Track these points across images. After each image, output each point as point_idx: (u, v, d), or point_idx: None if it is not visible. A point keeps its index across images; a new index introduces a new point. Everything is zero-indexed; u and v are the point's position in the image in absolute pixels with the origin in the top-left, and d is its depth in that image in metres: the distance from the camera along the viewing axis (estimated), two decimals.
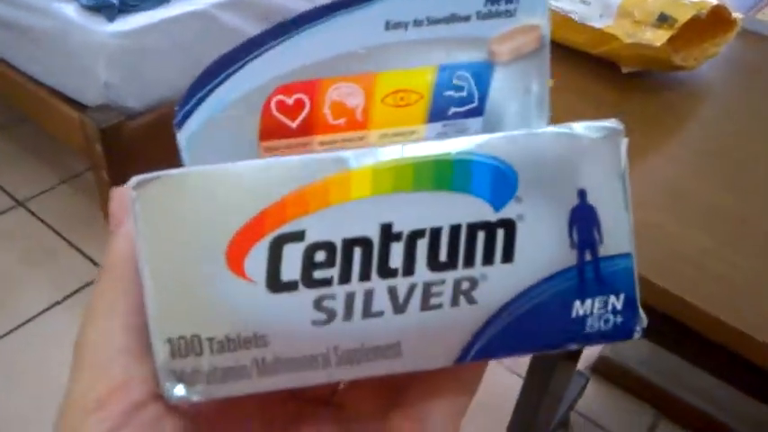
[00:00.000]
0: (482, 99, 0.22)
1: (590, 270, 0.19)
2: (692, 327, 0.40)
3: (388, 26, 0.21)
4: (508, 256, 0.18)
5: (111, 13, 1.21)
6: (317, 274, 0.17)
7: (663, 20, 0.60)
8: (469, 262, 0.18)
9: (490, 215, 0.18)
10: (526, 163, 0.18)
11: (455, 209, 0.18)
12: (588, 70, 0.64)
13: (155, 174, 0.17)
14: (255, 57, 0.21)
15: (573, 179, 0.18)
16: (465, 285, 0.18)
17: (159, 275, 0.17)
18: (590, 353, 1.18)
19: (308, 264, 0.17)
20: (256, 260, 0.17)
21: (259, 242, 0.17)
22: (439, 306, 0.18)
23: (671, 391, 1.24)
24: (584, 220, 0.18)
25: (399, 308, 0.18)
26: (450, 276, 0.18)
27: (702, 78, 0.65)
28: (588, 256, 0.18)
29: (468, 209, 0.18)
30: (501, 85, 0.22)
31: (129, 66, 1.24)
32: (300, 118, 0.21)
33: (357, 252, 0.17)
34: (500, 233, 0.18)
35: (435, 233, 0.18)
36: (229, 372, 0.18)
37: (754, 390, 0.49)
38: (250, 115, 0.21)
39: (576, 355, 1.13)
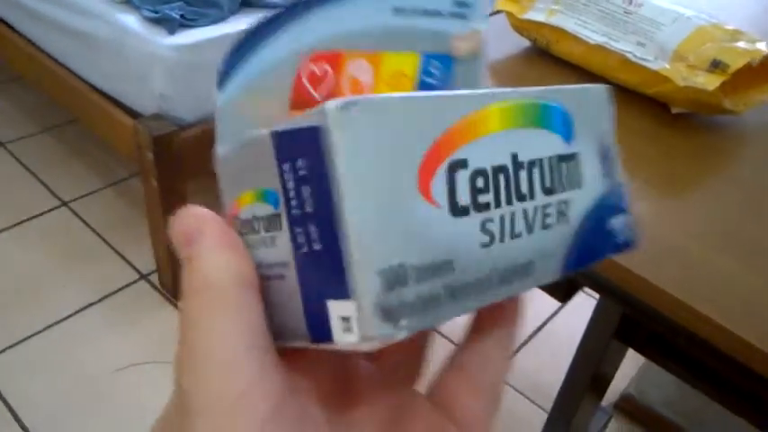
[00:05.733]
0: (444, 88, 0.24)
1: (612, 195, 0.24)
2: (743, 363, 0.42)
3: (396, 11, 0.22)
4: (579, 183, 0.23)
5: (171, 26, 1.25)
6: (481, 199, 0.19)
7: (716, 65, 0.62)
8: (562, 187, 0.22)
9: (565, 149, 0.22)
10: (571, 109, 0.22)
11: (546, 142, 0.22)
12: (640, 108, 0.67)
13: (348, 99, 0.17)
14: (283, 28, 0.21)
15: (597, 124, 0.24)
16: (563, 207, 0.22)
17: (361, 205, 0.17)
18: (612, 391, 1.18)
19: (474, 189, 0.19)
20: (439, 186, 0.18)
21: (439, 168, 0.18)
22: (551, 225, 0.21)
23: None
24: (606, 156, 0.24)
25: (530, 228, 0.21)
26: (554, 199, 0.22)
27: (748, 123, 0.67)
28: (611, 184, 0.24)
29: (553, 143, 0.22)
30: (456, 78, 0.24)
31: (184, 79, 1.27)
32: (325, 90, 0.22)
33: (501, 178, 0.20)
34: (573, 164, 0.22)
35: (541, 162, 0.21)
36: (428, 301, 0.18)
37: None
38: (283, 83, 0.21)
39: (600, 391, 1.13)
